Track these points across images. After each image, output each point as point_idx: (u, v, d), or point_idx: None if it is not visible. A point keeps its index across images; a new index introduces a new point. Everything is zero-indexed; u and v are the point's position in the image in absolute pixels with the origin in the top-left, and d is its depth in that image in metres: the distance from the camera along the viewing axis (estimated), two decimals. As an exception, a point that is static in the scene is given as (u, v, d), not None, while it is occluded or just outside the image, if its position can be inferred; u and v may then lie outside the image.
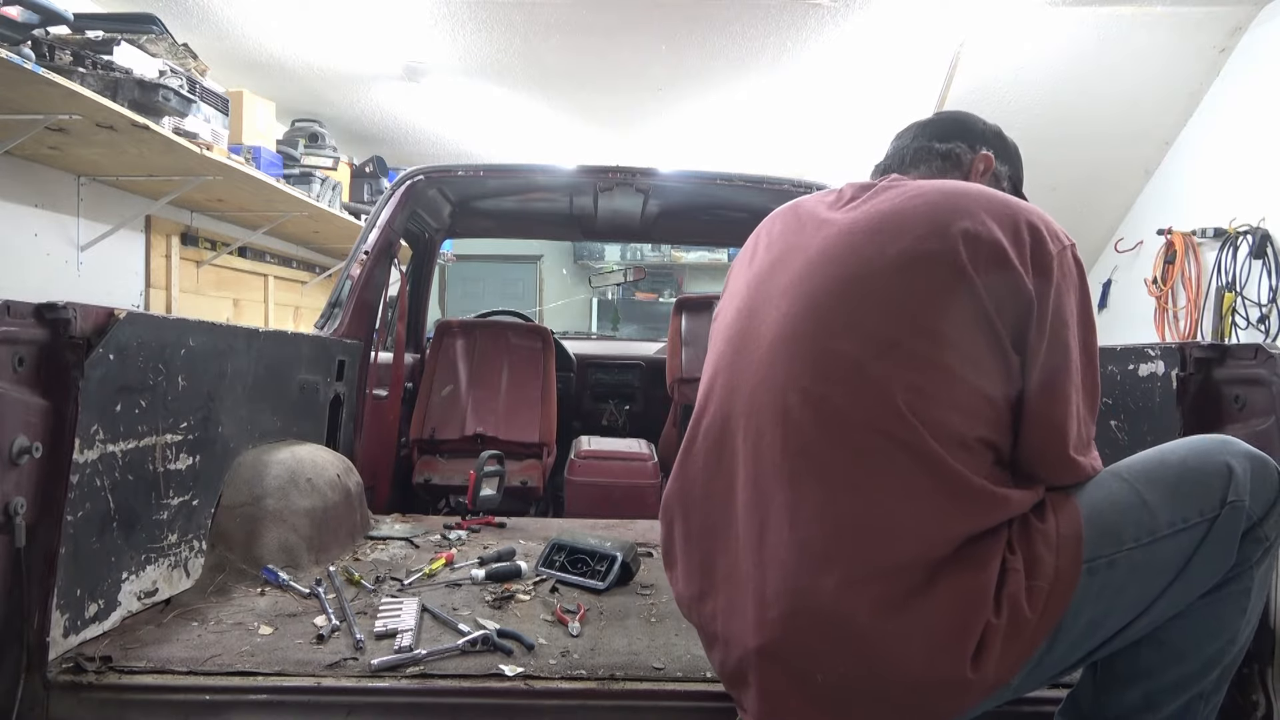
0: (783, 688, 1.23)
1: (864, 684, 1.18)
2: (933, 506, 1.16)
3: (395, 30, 5.09)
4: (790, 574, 1.21)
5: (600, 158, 3.61)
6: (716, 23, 4.93)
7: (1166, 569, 1.17)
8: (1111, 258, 5.60)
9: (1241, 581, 1.20)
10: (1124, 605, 1.19)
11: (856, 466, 1.20)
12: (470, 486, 2.92)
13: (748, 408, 1.33)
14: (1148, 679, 1.24)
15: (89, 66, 3.34)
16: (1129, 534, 1.18)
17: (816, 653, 1.19)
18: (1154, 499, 1.19)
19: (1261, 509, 1.18)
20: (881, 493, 1.18)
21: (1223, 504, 1.16)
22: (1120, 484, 1.23)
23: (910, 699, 1.16)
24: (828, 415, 1.23)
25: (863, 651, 1.16)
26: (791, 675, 1.22)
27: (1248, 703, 1.41)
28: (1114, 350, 1.82)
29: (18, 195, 3.89)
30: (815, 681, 1.19)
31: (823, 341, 1.26)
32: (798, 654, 1.21)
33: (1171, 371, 1.61)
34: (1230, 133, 4.68)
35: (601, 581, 2.10)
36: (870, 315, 1.24)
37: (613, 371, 4.95)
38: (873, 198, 1.38)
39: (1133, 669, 1.25)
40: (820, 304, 1.29)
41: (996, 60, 4.78)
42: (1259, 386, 1.45)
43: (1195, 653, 1.22)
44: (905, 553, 1.15)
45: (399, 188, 3.39)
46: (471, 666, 1.58)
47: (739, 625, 1.29)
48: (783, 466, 1.25)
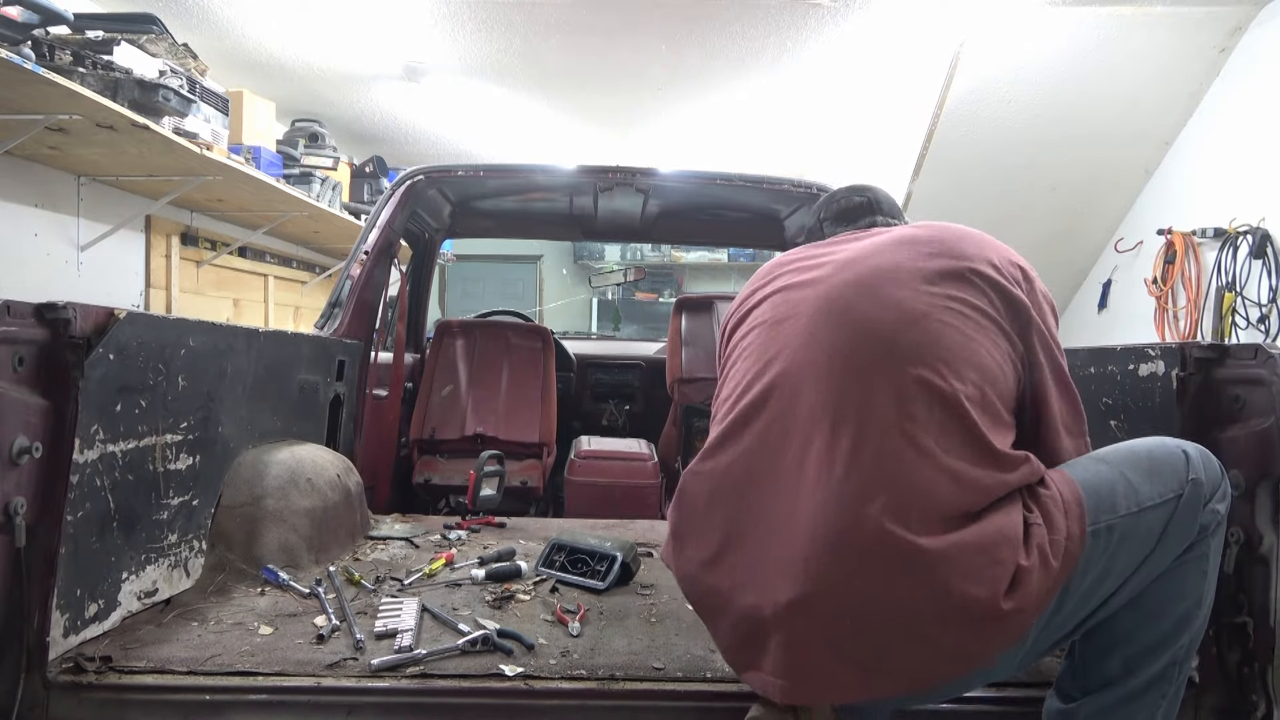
0: (811, 639, 1.27)
1: (897, 618, 1.24)
2: (964, 455, 1.29)
3: (395, 30, 5.09)
4: (832, 511, 1.29)
5: (600, 158, 3.61)
6: (716, 23, 4.93)
7: (1150, 537, 1.33)
8: (1111, 258, 5.60)
9: (1201, 548, 1.37)
10: (1118, 569, 1.33)
11: (895, 410, 1.31)
12: (470, 486, 2.92)
13: (787, 370, 1.44)
14: (1126, 644, 1.36)
15: (89, 66, 3.35)
16: (1121, 505, 1.33)
17: (854, 590, 1.25)
18: (1135, 478, 1.36)
19: (1211, 487, 1.37)
20: (920, 436, 1.29)
21: (1186, 482, 1.35)
22: (1104, 466, 1.39)
23: (942, 634, 1.23)
24: (866, 367, 1.36)
25: (904, 573, 1.23)
26: (824, 625, 1.26)
27: (1247, 703, 1.42)
28: (1114, 350, 1.82)
29: (18, 195, 3.89)
30: (846, 629, 1.25)
31: (861, 309, 1.41)
32: (836, 595, 1.26)
33: (1172, 371, 1.61)
34: (1230, 133, 4.68)
35: (601, 581, 2.10)
36: (903, 292, 1.41)
37: (613, 371, 4.95)
38: (870, 234, 1.62)
39: (1111, 636, 1.37)
40: (855, 285, 1.45)
41: (996, 60, 4.78)
42: (1259, 386, 1.45)
43: (1168, 612, 1.36)
44: (943, 493, 1.27)
45: (399, 188, 3.39)
46: (471, 666, 1.58)
47: (766, 577, 1.32)
48: (822, 414, 1.35)
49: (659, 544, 2.59)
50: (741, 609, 1.35)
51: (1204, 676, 1.51)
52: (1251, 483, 1.44)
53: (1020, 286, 1.44)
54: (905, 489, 1.26)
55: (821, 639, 1.27)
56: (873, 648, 1.26)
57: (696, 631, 1.81)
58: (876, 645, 1.25)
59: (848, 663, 1.26)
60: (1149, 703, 1.35)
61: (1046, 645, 1.35)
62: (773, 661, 1.30)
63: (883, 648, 1.25)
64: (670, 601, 2.03)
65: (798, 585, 1.27)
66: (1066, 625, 1.34)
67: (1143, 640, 1.35)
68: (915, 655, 1.25)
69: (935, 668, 1.26)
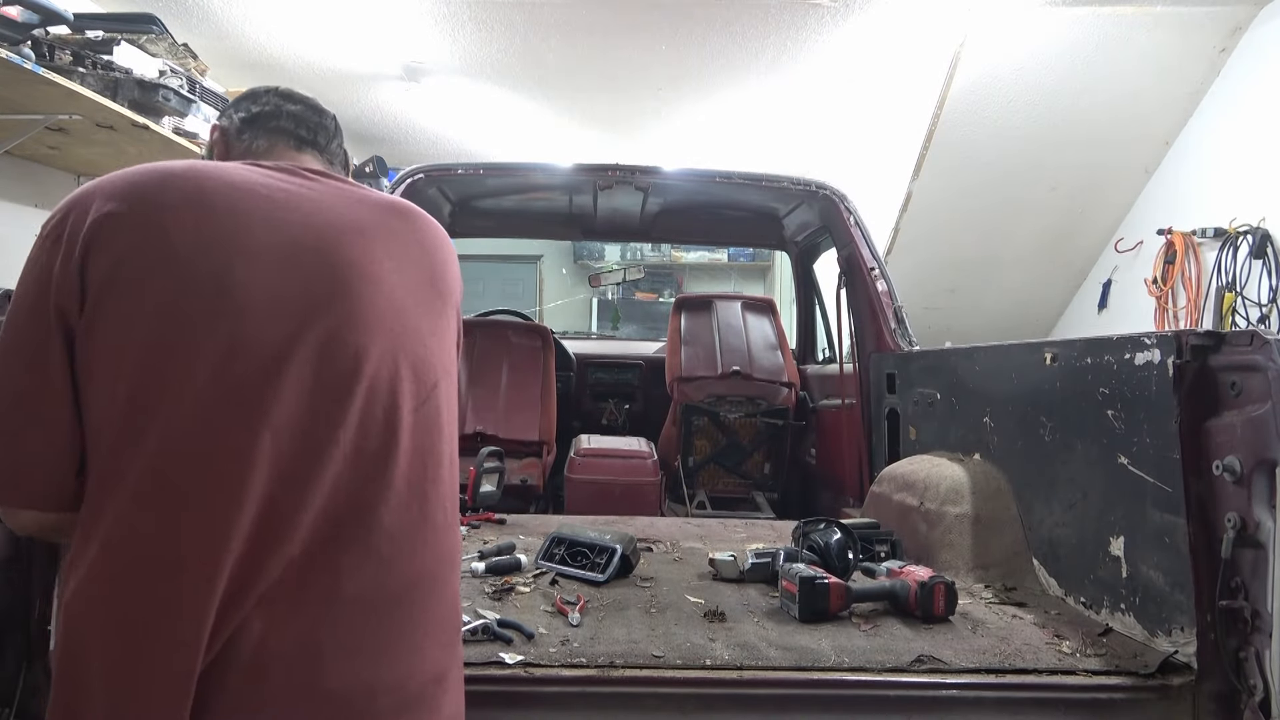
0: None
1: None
2: None
3: (395, 30, 5.10)
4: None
5: (600, 159, 3.61)
6: (716, 23, 4.94)
7: None
8: (1111, 258, 5.59)
9: None
10: None
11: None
12: (470, 482, 2.92)
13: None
14: None
15: (89, 66, 3.35)
16: None
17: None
18: None
19: None
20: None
21: None
22: None
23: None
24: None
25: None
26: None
27: (1245, 688, 1.42)
28: (1110, 340, 1.83)
29: (18, 195, 3.90)
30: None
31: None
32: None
33: (1168, 360, 1.61)
34: (1230, 133, 4.68)
35: (601, 574, 2.10)
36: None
37: (612, 371, 4.95)
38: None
39: None
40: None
41: (996, 60, 4.78)
42: (1255, 373, 1.45)
43: None
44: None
45: (399, 187, 3.41)
46: (471, 655, 1.58)
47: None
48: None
49: (658, 539, 2.61)
50: None
51: (1202, 662, 1.51)
52: (1248, 468, 1.45)
53: None
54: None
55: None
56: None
57: (696, 622, 1.81)
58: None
59: None
60: None
61: None
62: None
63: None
64: (670, 593, 2.03)
65: None
66: None
67: None
68: None
69: None
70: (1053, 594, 2.02)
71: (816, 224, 3.98)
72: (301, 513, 1.06)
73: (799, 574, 1.86)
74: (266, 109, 1.45)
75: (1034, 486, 2.14)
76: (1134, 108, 4.96)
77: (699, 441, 4.17)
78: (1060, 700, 1.56)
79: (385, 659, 1.08)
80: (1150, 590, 1.68)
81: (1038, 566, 2.10)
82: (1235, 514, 1.46)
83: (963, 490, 2.28)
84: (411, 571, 1.13)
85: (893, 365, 3.10)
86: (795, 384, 4.12)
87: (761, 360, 4.18)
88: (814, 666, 1.60)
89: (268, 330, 1.10)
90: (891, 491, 2.59)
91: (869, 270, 3.30)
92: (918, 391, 2.85)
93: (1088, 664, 1.61)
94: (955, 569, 2.17)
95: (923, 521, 2.35)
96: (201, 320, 1.09)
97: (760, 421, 4.13)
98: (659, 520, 3.04)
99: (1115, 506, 1.80)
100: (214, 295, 1.10)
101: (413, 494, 1.14)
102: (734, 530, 2.89)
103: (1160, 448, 1.65)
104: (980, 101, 4.96)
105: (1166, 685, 1.53)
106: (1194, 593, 1.54)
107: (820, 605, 1.83)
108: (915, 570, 1.94)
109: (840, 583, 1.89)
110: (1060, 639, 1.73)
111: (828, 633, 1.76)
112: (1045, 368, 2.06)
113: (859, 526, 2.34)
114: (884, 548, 2.33)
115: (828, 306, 4.23)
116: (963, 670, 1.59)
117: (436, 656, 1.15)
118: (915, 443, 2.83)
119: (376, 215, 1.27)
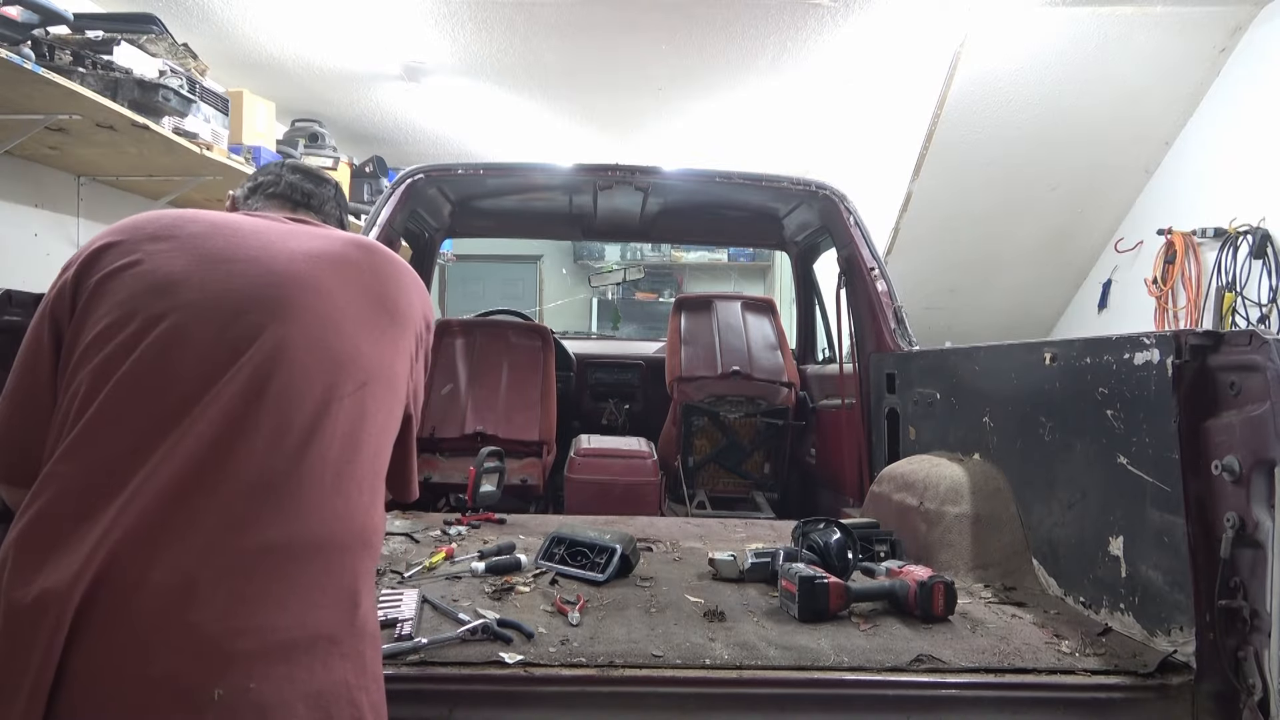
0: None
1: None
2: None
3: (395, 30, 5.10)
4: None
5: (600, 159, 3.61)
6: (716, 23, 4.94)
7: None
8: (1111, 258, 5.60)
9: None
10: None
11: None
12: (470, 482, 2.92)
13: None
14: None
15: (89, 66, 3.36)
16: None
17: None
18: None
19: None
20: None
21: None
22: None
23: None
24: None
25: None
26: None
27: (1244, 687, 1.42)
28: (1109, 340, 1.83)
29: (18, 195, 3.90)
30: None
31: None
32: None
33: (1167, 359, 1.61)
34: (1230, 133, 4.69)
35: (601, 573, 2.10)
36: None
37: (613, 371, 4.95)
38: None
39: None
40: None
41: (996, 60, 4.79)
42: (1254, 372, 1.45)
43: None
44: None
45: (399, 186, 3.40)
46: (471, 654, 1.58)
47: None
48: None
49: (658, 539, 2.61)
50: None
51: (1201, 662, 1.52)
52: (1247, 468, 1.45)
53: None
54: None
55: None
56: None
57: (696, 621, 1.81)
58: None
59: None
60: None
61: None
62: None
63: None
64: (669, 593, 2.03)
65: None
66: None
67: None
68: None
69: None
70: (1052, 594, 2.02)
71: (816, 224, 3.98)
72: (215, 472, 1.18)
73: (798, 574, 1.87)
74: (269, 179, 1.67)
75: (1033, 486, 2.14)
76: (1134, 108, 4.96)
77: (699, 441, 4.17)
78: (1059, 700, 1.56)
79: (266, 608, 1.16)
80: (1149, 590, 1.68)
81: (1037, 566, 2.11)
82: (1234, 514, 1.46)
83: (962, 490, 2.28)
84: (315, 536, 1.22)
85: (892, 365, 3.10)
86: (795, 384, 4.12)
87: (761, 360, 4.18)
88: (813, 666, 1.60)
89: (206, 324, 1.27)
90: (891, 491, 2.59)
91: (869, 270, 3.30)
92: (917, 391, 2.85)
93: (1087, 663, 1.61)
94: (955, 569, 2.17)
95: (922, 521, 2.35)
96: (150, 314, 1.26)
97: (760, 421, 4.13)
98: (659, 520, 3.04)
99: (1114, 506, 1.80)
100: (162, 294, 1.28)
101: (327, 469, 1.25)
102: (734, 530, 2.89)
103: (1159, 447, 1.65)
104: (980, 101, 4.97)
105: (1165, 685, 1.54)
106: (1193, 592, 1.54)
107: (820, 605, 1.83)
108: (915, 570, 1.94)
109: (840, 582, 1.89)
110: (1059, 638, 1.73)
111: (827, 632, 1.76)
112: (1045, 368, 2.06)
113: (859, 526, 2.34)
114: (883, 547, 2.33)
115: (828, 306, 4.23)
116: (962, 670, 1.60)
117: (332, 619, 1.21)
118: (915, 443, 2.83)
119: (337, 245, 1.45)
